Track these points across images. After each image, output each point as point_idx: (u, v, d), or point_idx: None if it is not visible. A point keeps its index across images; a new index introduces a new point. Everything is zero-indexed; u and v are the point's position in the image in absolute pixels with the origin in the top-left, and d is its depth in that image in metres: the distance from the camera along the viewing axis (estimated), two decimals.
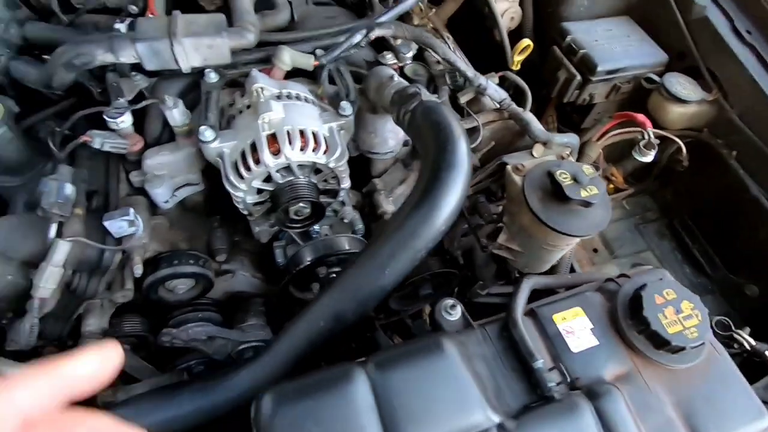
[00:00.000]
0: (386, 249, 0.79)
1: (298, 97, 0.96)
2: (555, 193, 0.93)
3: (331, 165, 0.92)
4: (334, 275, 1.18)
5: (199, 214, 1.12)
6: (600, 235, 1.46)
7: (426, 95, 0.90)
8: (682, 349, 0.73)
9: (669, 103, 1.23)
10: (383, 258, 0.79)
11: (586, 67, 1.24)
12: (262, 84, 0.94)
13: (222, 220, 1.13)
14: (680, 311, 0.76)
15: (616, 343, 0.77)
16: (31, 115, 0.97)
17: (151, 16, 0.94)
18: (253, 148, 0.88)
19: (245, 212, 0.97)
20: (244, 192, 0.90)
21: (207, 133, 0.87)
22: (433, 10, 1.41)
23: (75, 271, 0.88)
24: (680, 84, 1.23)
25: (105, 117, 0.89)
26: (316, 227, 1.12)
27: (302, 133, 0.89)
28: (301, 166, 0.92)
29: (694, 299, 0.77)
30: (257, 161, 0.87)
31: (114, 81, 0.94)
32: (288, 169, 0.90)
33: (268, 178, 0.91)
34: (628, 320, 0.78)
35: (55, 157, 0.88)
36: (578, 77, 1.24)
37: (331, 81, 1.07)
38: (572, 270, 1.25)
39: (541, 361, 0.71)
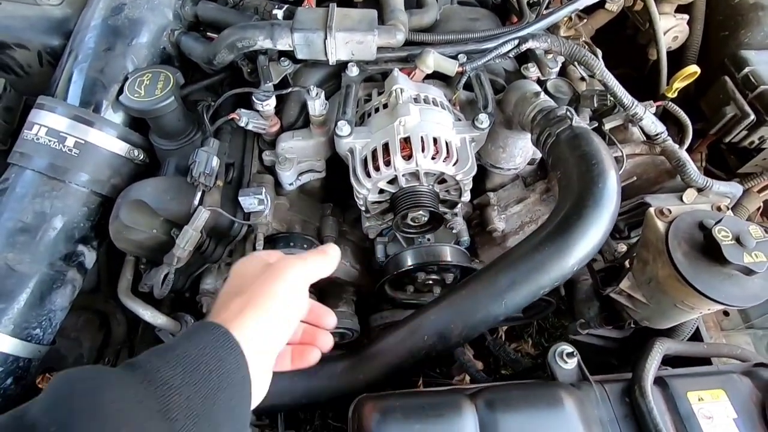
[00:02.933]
0: (508, 278, 0.75)
1: (434, 102, 0.94)
2: (708, 250, 0.82)
3: (458, 177, 0.89)
4: (431, 282, 1.16)
5: (314, 199, 1.16)
6: None
7: (577, 121, 0.82)
8: None
9: None
10: (503, 287, 0.75)
11: (765, 106, 1.06)
12: (402, 85, 0.93)
13: (333, 208, 1.16)
14: None
15: None
16: (189, 85, 1.06)
17: (308, 6, 0.97)
18: (386, 149, 0.87)
19: (362, 208, 0.98)
20: (367, 190, 0.90)
21: (344, 128, 0.89)
22: (584, 20, 1.30)
23: (208, 235, 0.95)
24: None
25: (253, 98, 0.94)
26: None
27: (436, 141, 0.87)
28: (427, 173, 0.90)
29: None
30: (387, 163, 0.86)
31: (264, 64, 0.99)
32: (414, 174, 0.89)
33: (393, 180, 0.90)
34: None
35: (206, 129, 0.96)
36: (752, 116, 1.06)
37: (467, 87, 1.03)
38: (697, 333, 1.10)
39: None
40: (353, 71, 0.98)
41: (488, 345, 1.42)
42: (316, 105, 0.92)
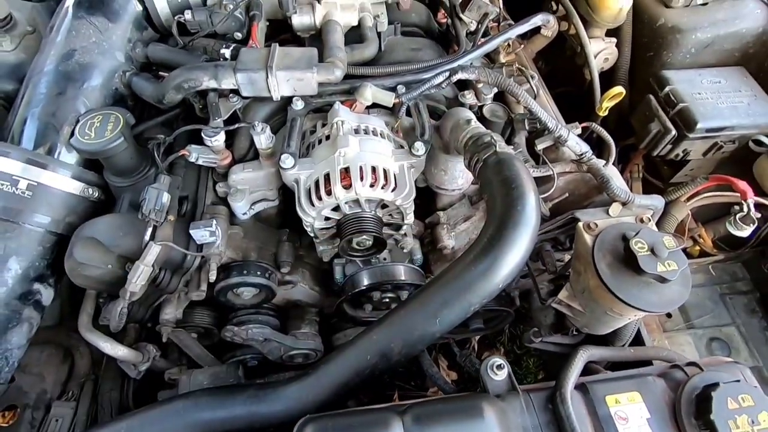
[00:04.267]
0: (440, 297, 0.80)
1: (374, 132, 1.00)
2: (628, 261, 0.88)
3: (398, 202, 0.95)
4: (387, 300, 1.21)
5: (270, 226, 1.20)
6: None
7: (501, 146, 0.89)
8: None
9: None
10: (436, 305, 0.80)
11: (685, 122, 1.14)
12: (343, 117, 0.98)
13: (290, 234, 1.21)
14: (756, 422, 0.69)
15: None
16: (143, 123, 1.10)
17: (253, 45, 1.03)
18: (327, 179, 0.92)
19: (311, 234, 1.03)
20: (312, 218, 0.95)
21: (287, 161, 0.94)
22: (522, 45, 1.38)
23: (161, 268, 0.99)
24: None
25: (202, 135, 0.99)
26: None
27: (374, 169, 0.93)
28: (368, 200, 0.95)
29: None
30: (329, 192, 0.91)
31: (214, 101, 1.04)
32: (356, 202, 0.94)
33: (337, 208, 0.95)
34: (691, 419, 0.72)
35: (157, 166, 1.00)
36: (673, 132, 1.15)
37: (410, 114, 1.09)
38: (639, 336, 1.17)
39: None
40: (298, 105, 1.04)
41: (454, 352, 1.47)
42: (262, 139, 0.97)
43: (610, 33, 1.35)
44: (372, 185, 0.91)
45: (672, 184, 1.29)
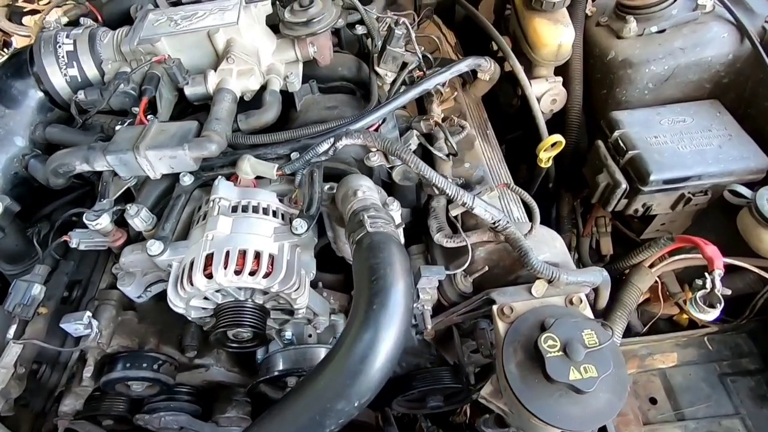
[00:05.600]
0: (294, 418, 0.67)
1: (256, 209, 0.90)
2: (540, 363, 0.71)
3: (274, 289, 0.83)
4: None
5: None
6: (663, 379, 1.10)
7: (376, 225, 0.76)
8: None
9: (762, 230, 0.86)
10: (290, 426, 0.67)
11: (637, 173, 0.95)
12: (222, 194, 0.90)
13: None
14: None
15: None
16: (47, 205, 1.08)
17: (137, 122, 0.98)
18: (191, 267, 0.83)
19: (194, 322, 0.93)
20: (183, 308, 0.86)
21: (153, 248, 0.86)
22: (465, 87, 1.25)
23: (39, 362, 0.92)
24: None
25: (84, 219, 0.94)
26: (288, 333, 1.04)
27: (243, 253, 0.82)
28: (242, 288, 0.84)
29: None
30: (191, 283, 0.82)
31: (107, 180, 0.99)
32: (226, 291, 0.84)
33: (207, 298, 0.85)
34: None
35: (39, 254, 0.96)
36: (623, 185, 0.95)
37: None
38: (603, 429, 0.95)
39: None
40: (185, 181, 0.97)
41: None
42: (137, 222, 0.91)
43: (559, 71, 1.18)
44: (238, 272, 0.81)
45: (645, 240, 1.08)
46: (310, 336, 1.08)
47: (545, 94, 1.15)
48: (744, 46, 1.01)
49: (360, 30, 1.27)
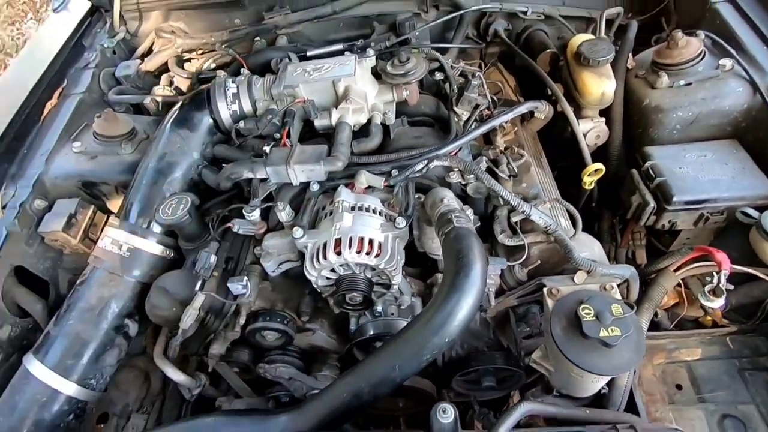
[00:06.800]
0: (398, 351, 0.98)
1: (368, 209, 1.24)
2: (578, 326, 0.98)
3: (381, 266, 1.16)
4: None
5: (296, 281, 1.48)
6: (688, 370, 1.31)
7: (461, 222, 1.07)
8: None
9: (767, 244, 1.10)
10: (395, 357, 0.98)
11: (663, 195, 1.21)
12: (343, 198, 1.25)
13: (312, 289, 1.47)
14: None
15: None
16: (210, 201, 1.49)
17: (284, 145, 1.36)
18: (325, 247, 1.18)
19: (319, 290, 1.28)
20: (315, 277, 1.21)
21: (297, 233, 1.22)
22: (517, 127, 1.56)
23: (208, 312, 1.30)
24: None
25: (243, 212, 1.32)
26: (379, 308, 1.36)
27: (361, 239, 1.16)
28: (358, 264, 1.18)
29: None
30: (325, 257, 1.17)
31: (256, 186, 1.38)
32: (347, 265, 1.18)
33: (334, 270, 1.20)
34: None
35: (212, 235, 1.35)
36: (652, 204, 1.21)
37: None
38: (632, 402, 1.18)
39: None
40: (314, 188, 1.34)
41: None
42: (283, 215, 1.28)
43: (603, 113, 1.47)
44: (358, 252, 1.15)
45: (669, 253, 1.32)
46: (392, 313, 1.39)
47: (590, 131, 1.43)
48: (756, 98, 1.25)
49: (438, 76, 1.63)
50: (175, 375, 1.33)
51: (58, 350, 1.25)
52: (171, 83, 1.86)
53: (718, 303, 1.04)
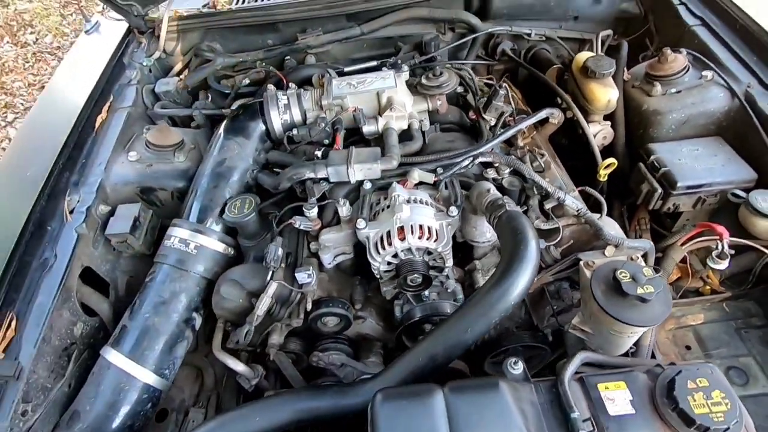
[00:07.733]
0: (469, 315, 1.13)
1: (421, 201, 1.41)
2: (616, 288, 1.17)
3: (439, 250, 1.32)
4: None
5: (348, 273, 1.61)
6: (694, 332, 1.52)
7: (511, 206, 1.25)
8: (707, 429, 0.89)
9: (755, 218, 1.34)
10: (466, 321, 1.13)
11: (668, 182, 1.44)
12: (399, 192, 1.41)
13: (361, 280, 1.60)
14: (710, 397, 0.92)
15: (650, 415, 0.95)
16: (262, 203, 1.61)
17: (336, 148, 1.52)
18: (388, 235, 1.33)
19: (378, 276, 1.41)
20: (378, 263, 1.35)
21: (361, 224, 1.36)
22: (536, 131, 1.78)
23: (275, 301, 1.41)
24: (766, 201, 1.33)
25: (303, 209, 1.46)
26: (426, 293, 1.50)
27: (421, 227, 1.32)
28: (418, 249, 1.34)
29: (727, 390, 0.92)
30: (389, 244, 1.32)
31: (311, 186, 1.52)
32: (409, 250, 1.33)
33: (395, 255, 1.35)
34: (663, 398, 0.95)
35: (273, 231, 1.47)
36: (659, 190, 1.44)
37: (447, 187, 1.50)
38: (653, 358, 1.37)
39: (578, 413, 0.94)
40: (367, 186, 1.49)
41: None
42: (344, 210, 1.42)
43: (607, 117, 1.71)
44: (419, 237, 1.30)
45: (674, 232, 1.54)
46: (434, 299, 1.54)
47: (598, 133, 1.67)
48: (735, 102, 1.53)
49: (459, 89, 1.84)
50: (236, 365, 1.42)
51: (135, 341, 1.33)
52: (208, 97, 1.98)
53: (724, 264, 1.26)
